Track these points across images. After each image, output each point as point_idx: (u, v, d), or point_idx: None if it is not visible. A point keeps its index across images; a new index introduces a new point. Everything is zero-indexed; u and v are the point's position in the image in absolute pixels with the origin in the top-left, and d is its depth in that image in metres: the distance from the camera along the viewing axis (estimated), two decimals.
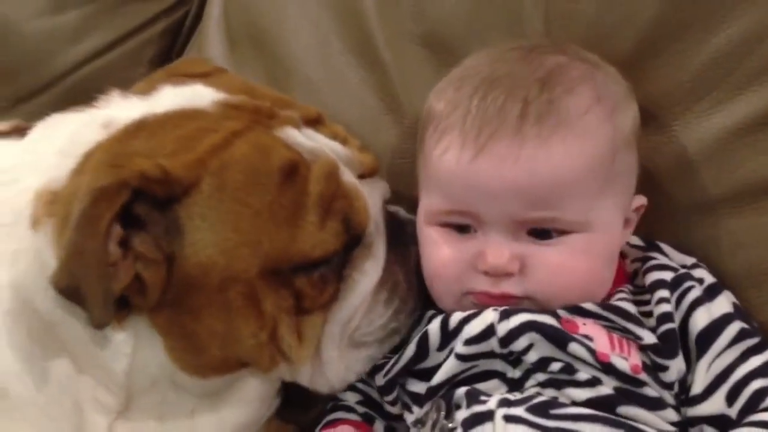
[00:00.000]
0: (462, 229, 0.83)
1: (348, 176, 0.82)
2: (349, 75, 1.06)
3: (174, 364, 0.79)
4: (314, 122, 0.86)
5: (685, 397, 0.77)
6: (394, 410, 0.88)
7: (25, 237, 0.77)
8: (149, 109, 0.81)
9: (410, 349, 0.83)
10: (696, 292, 0.80)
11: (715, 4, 0.87)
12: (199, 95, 0.83)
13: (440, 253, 0.83)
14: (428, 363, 0.82)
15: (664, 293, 0.80)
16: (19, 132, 0.91)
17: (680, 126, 0.89)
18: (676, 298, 0.80)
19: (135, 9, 1.31)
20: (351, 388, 0.92)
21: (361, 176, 0.86)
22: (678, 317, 0.79)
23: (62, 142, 0.80)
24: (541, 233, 0.80)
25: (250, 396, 0.87)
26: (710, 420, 0.76)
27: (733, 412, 0.75)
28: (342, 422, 0.88)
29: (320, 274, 0.80)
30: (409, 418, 0.84)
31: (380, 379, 0.86)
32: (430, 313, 0.87)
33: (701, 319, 0.79)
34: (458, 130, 0.81)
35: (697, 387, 0.77)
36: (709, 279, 0.83)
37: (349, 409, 0.90)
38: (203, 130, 0.77)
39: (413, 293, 0.86)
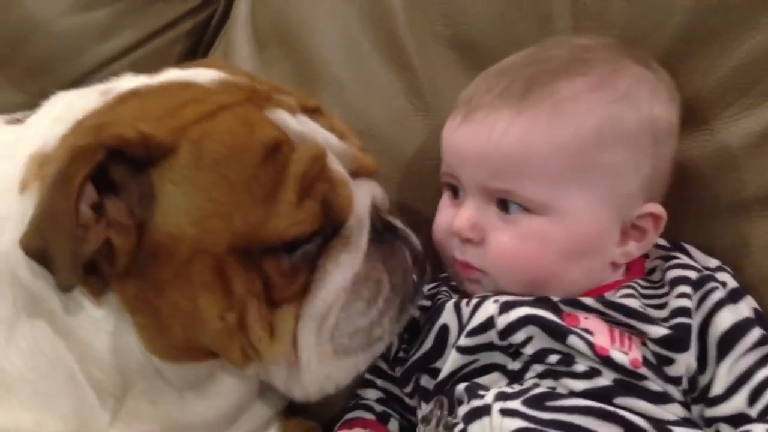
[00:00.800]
0: (456, 193, 0.87)
1: (336, 165, 0.80)
2: (377, 76, 1.06)
3: (145, 346, 0.77)
4: (312, 111, 0.84)
5: (698, 396, 0.77)
6: (413, 403, 0.89)
7: (13, 203, 0.76)
8: (149, 81, 0.81)
9: (429, 341, 0.84)
10: (720, 294, 0.80)
11: (744, 12, 0.88)
12: (200, 74, 0.82)
13: (439, 216, 0.89)
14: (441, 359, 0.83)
15: (686, 289, 0.80)
16: None
17: (709, 130, 0.89)
18: (698, 297, 0.80)
19: (162, 8, 1.32)
20: (371, 385, 0.94)
21: (355, 174, 0.83)
22: (699, 317, 0.79)
23: (58, 110, 0.81)
24: (505, 205, 0.82)
25: (235, 386, 0.86)
26: (728, 419, 0.76)
27: (753, 411, 0.75)
28: (357, 422, 0.89)
29: (291, 263, 0.76)
30: (419, 414, 0.86)
31: (398, 371, 0.89)
32: (443, 298, 0.88)
33: (725, 319, 0.78)
34: (458, 104, 0.87)
35: (718, 388, 0.77)
36: (732, 283, 0.83)
37: (368, 408, 0.91)
38: (192, 100, 0.76)
39: (397, 299, 0.82)
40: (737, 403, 0.76)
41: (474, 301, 0.82)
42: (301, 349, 0.78)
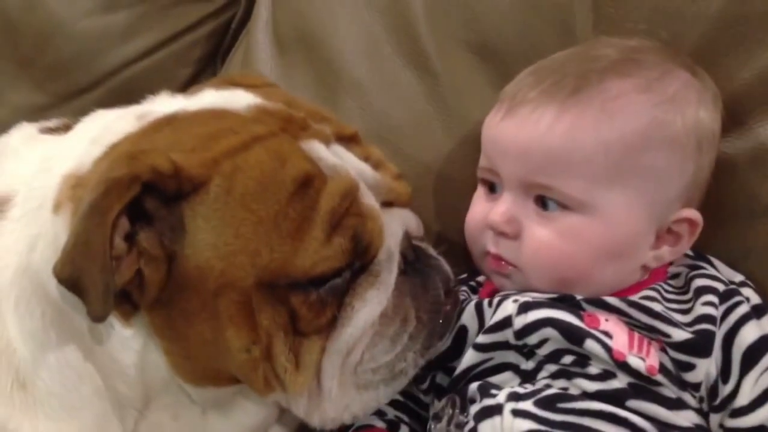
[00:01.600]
0: (493, 188, 0.88)
1: (368, 198, 0.79)
2: (399, 80, 1.07)
3: (170, 369, 0.78)
4: (348, 140, 0.83)
5: (718, 405, 0.78)
6: (427, 399, 0.89)
7: (46, 221, 0.77)
8: (185, 106, 0.81)
9: (447, 341, 0.84)
10: (745, 308, 0.80)
11: (764, 23, 0.88)
12: (236, 99, 0.82)
13: (473, 209, 0.90)
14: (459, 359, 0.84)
15: (713, 299, 0.80)
16: (68, 129, 0.92)
17: (731, 137, 0.89)
18: (724, 309, 0.80)
19: (184, 10, 1.33)
20: None
21: (389, 204, 0.83)
22: (724, 329, 0.79)
23: (96, 132, 0.81)
24: (543, 202, 0.82)
25: (257, 407, 0.86)
26: (750, 430, 0.77)
27: None
28: (367, 430, 0.89)
29: (318, 296, 0.75)
30: (431, 411, 0.86)
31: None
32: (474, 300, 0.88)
33: (751, 333, 0.79)
34: (504, 97, 0.87)
35: (743, 399, 0.77)
36: (756, 299, 0.84)
37: (379, 412, 0.90)
38: (226, 130, 0.76)
39: (424, 332, 0.81)
40: (761, 415, 0.77)
41: (496, 300, 0.83)
42: (324, 381, 0.78)
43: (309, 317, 0.75)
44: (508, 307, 0.81)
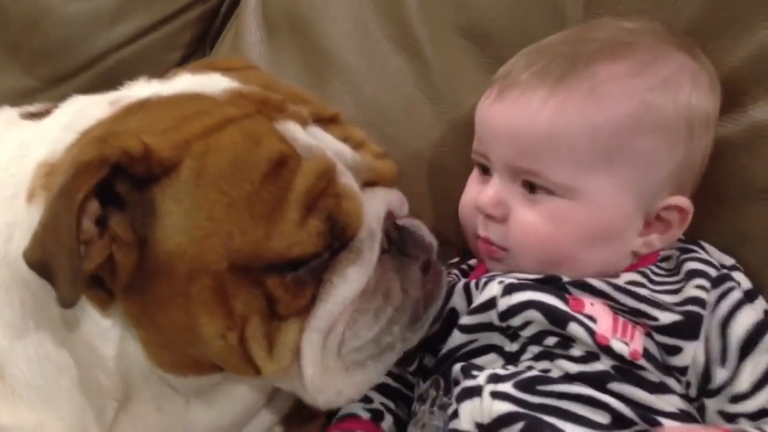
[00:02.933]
0: (485, 170, 0.88)
1: (346, 178, 0.77)
2: (388, 64, 1.07)
3: (151, 360, 0.77)
4: (327, 121, 0.81)
5: (711, 390, 0.77)
6: (415, 381, 0.89)
7: (20, 209, 0.76)
8: (159, 91, 0.80)
9: (437, 325, 0.84)
10: (738, 293, 0.80)
11: (756, 3, 0.88)
12: (212, 83, 0.80)
13: (467, 192, 0.90)
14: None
15: (704, 283, 0.80)
16: (49, 114, 0.90)
17: (724, 118, 0.89)
18: (717, 295, 0.79)
19: None
20: None
21: (373, 183, 0.81)
22: (719, 314, 0.78)
23: (69, 118, 0.80)
24: (531, 185, 0.82)
25: (244, 392, 0.86)
26: (750, 415, 0.77)
27: None
28: (348, 421, 0.88)
29: (295, 277, 0.73)
30: (416, 392, 0.87)
31: None
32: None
33: (746, 319, 0.78)
34: (495, 79, 0.87)
35: (744, 384, 0.77)
36: (746, 284, 0.84)
37: (366, 399, 0.89)
38: (199, 112, 0.74)
39: (411, 306, 0.79)
40: (762, 399, 0.77)
41: (483, 281, 0.83)
42: (305, 366, 0.76)
43: (286, 299, 0.74)
44: (493, 289, 0.81)
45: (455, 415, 0.77)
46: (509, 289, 0.80)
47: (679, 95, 0.81)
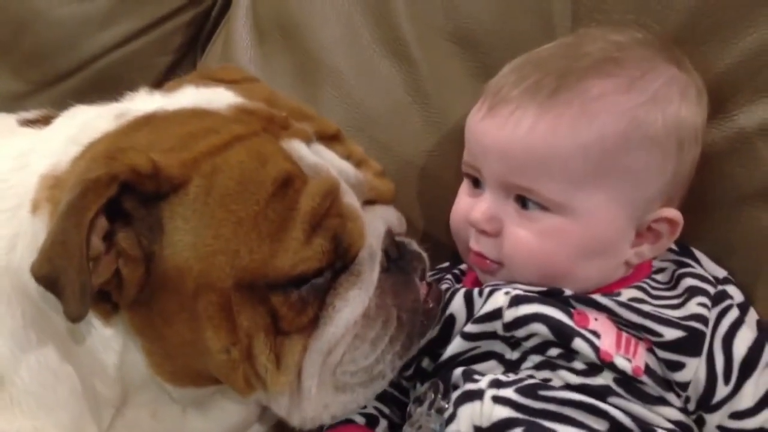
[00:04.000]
0: (477, 183, 0.88)
1: (349, 198, 0.79)
2: (377, 68, 1.07)
3: (151, 368, 0.78)
4: (330, 139, 0.83)
5: (711, 405, 0.79)
6: (408, 385, 0.89)
7: (25, 221, 0.77)
8: (165, 105, 0.80)
9: (434, 330, 0.85)
10: (734, 312, 0.82)
11: (742, 10, 0.89)
12: (217, 98, 0.81)
13: (458, 203, 0.90)
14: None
15: (705, 301, 0.81)
16: (47, 121, 0.92)
17: (711, 124, 0.89)
18: (716, 314, 0.81)
19: None
20: None
21: (372, 202, 0.83)
22: (720, 334, 0.80)
23: (74, 130, 0.81)
24: (523, 202, 0.83)
25: (237, 406, 0.87)
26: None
27: None
28: (344, 427, 0.88)
29: (299, 295, 0.75)
30: (412, 394, 0.87)
31: None
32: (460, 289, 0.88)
33: (745, 340, 0.80)
34: (487, 92, 0.86)
35: (747, 401, 0.78)
36: (739, 297, 0.85)
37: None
38: (207, 130, 0.75)
39: (404, 334, 0.80)
40: (763, 418, 0.78)
41: (486, 290, 0.83)
42: (304, 380, 0.78)
43: (290, 316, 0.75)
44: (499, 299, 0.81)
45: (452, 418, 0.77)
46: (516, 301, 0.80)
47: (668, 110, 0.81)
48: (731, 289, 0.85)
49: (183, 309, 0.74)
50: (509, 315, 0.80)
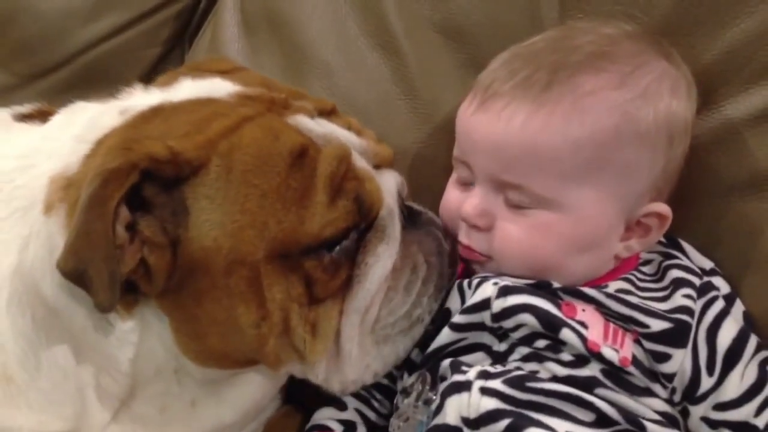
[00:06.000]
0: (466, 177, 0.87)
1: (361, 162, 0.81)
2: (365, 60, 1.07)
3: (178, 347, 0.79)
4: (328, 113, 0.85)
5: (696, 397, 0.79)
6: (396, 373, 0.89)
7: (37, 222, 0.77)
8: (167, 98, 0.81)
9: (430, 326, 0.85)
10: (720, 303, 0.82)
11: (726, 3, 0.88)
12: (216, 87, 0.83)
13: (447, 196, 0.90)
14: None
15: (691, 292, 0.81)
16: (42, 115, 0.92)
17: (698, 116, 0.89)
18: (701, 305, 0.81)
19: None
20: None
21: (376, 167, 0.85)
22: (704, 325, 0.80)
23: (79, 129, 0.81)
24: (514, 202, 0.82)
25: (252, 392, 0.87)
26: (734, 425, 0.78)
27: (760, 422, 0.78)
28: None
29: (331, 258, 0.77)
30: (399, 385, 0.87)
31: None
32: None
33: (730, 331, 0.80)
34: (478, 87, 0.86)
35: (731, 392, 0.79)
36: (725, 288, 0.85)
37: (340, 405, 0.90)
38: (215, 114, 0.77)
39: (435, 274, 0.84)
40: (748, 409, 0.78)
41: (475, 281, 0.83)
42: (343, 343, 0.80)
43: (324, 280, 0.78)
44: (488, 290, 0.81)
45: (439, 409, 0.78)
46: (504, 292, 0.80)
47: (659, 105, 0.81)
48: (717, 281, 0.85)
49: (214, 288, 0.75)
50: (497, 305, 0.80)
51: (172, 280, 0.75)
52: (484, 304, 0.81)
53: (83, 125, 0.81)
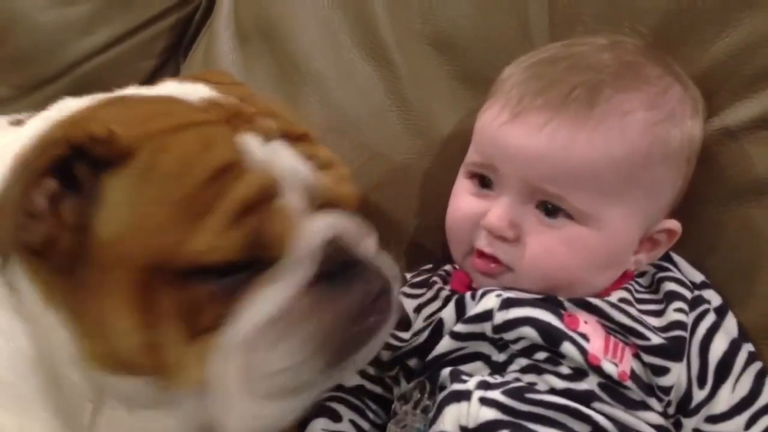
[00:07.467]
0: (485, 184, 0.86)
1: (291, 199, 0.75)
2: (357, 71, 1.07)
3: (78, 351, 0.75)
4: (296, 138, 0.80)
5: (689, 410, 0.80)
6: (391, 382, 0.89)
7: None
8: (140, 91, 0.82)
9: (424, 335, 0.85)
10: (711, 317, 0.83)
11: (714, 14, 0.89)
12: (193, 91, 0.81)
13: (460, 202, 0.88)
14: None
15: (683, 306, 0.82)
16: None
17: None
18: (693, 318, 0.82)
19: (147, 1, 1.32)
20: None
21: (327, 206, 0.79)
22: (697, 338, 0.81)
23: (50, 112, 0.81)
24: (549, 209, 0.82)
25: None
26: None
27: None
28: None
29: (217, 289, 0.72)
30: (397, 392, 0.87)
31: (386, 355, 0.88)
32: (446, 293, 0.89)
33: (721, 344, 0.81)
34: (503, 95, 0.85)
35: (722, 405, 0.80)
36: (716, 301, 0.86)
37: (335, 415, 0.89)
38: (166, 112, 0.75)
39: (333, 344, 0.75)
40: (739, 422, 0.79)
41: (479, 293, 0.83)
42: (222, 381, 0.74)
43: (207, 309, 0.73)
44: (490, 302, 0.81)
45: (437, 418, 0.78)
46: (507, 304, 0.80)
47: (684, 127, 0.83)
48: (708, 294, 0.86)
49: (101, 284, 0.72)
50: (499, 317, 0.80)
51: (75, 266, 0.72)
52: (487, 315, 0.81)
53: (56, 108, 0.82)
